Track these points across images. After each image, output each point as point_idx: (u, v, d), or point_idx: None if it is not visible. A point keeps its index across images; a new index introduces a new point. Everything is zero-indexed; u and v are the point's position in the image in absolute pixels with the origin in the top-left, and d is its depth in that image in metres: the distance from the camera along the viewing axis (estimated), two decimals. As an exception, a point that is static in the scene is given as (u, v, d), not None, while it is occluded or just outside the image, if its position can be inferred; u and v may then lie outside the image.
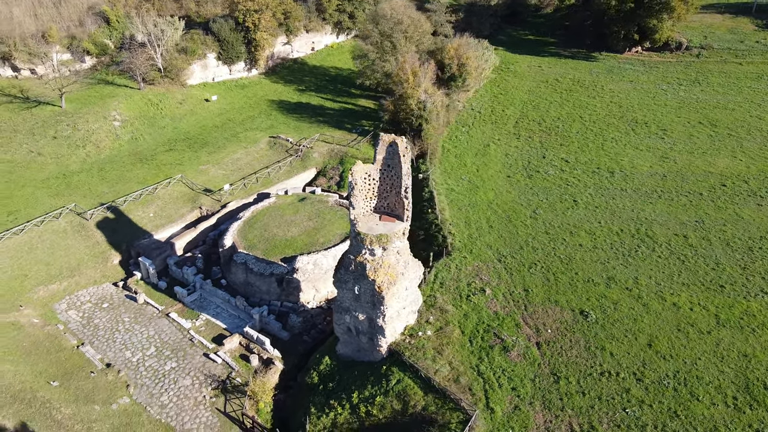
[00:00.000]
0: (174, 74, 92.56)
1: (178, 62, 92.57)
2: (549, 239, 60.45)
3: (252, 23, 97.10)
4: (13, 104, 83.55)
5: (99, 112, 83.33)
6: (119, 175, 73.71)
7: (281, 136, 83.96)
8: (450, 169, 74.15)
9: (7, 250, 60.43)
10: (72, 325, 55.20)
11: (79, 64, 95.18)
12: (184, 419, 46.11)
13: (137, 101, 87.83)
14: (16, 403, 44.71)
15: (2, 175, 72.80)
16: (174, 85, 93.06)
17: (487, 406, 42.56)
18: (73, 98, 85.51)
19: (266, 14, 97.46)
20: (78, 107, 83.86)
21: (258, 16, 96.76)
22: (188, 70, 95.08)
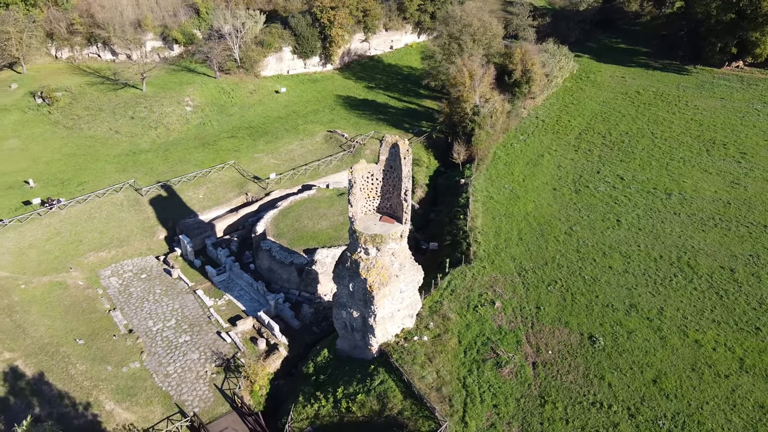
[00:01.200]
0: (249, 65, 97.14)
1: (254, 54, 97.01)
2: (578, 258, 57.85)
3: (327, 20, 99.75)
4: (104, 85, 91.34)
5: (174, 97, 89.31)
6: (181, 157, 78.72)
7: (337, 131, 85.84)
8: (495, 177, 72.60)
9: (69, 217, 66.48)
10: (110, 291, 59.95)
11: (168, 51, 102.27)
12: (182, 390, 48.94)
13: (211, 89, 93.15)
14: (41, 354, 49.48)
15: (83, 149, 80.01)
16: (248, 75, 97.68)
17: (462, 419, 41.82)
18: (154, 83, 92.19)
19: (342, 11, 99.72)
20: (157, 91, 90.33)
21: (334, 13, 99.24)
22: (263, 62, 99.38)
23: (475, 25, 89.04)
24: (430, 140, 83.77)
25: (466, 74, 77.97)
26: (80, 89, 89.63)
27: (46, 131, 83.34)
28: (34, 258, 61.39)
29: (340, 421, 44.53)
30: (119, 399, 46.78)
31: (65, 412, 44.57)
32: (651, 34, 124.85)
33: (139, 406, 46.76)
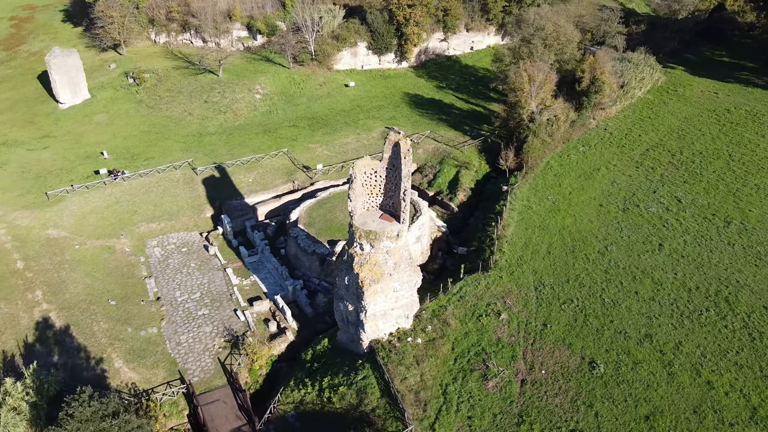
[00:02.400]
0: (322, 58, 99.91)
1: (328, 48, 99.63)
2: (604, 279, 54.89)
3: (403, 17, 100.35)
4: (187, 69, 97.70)
5: (246, 84, 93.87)
6: (241, 141, 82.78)
7: (394, 128, 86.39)
8: (540, 187, 70.14)
9: (130, 188, 72.19)
10: (151, 260, 64.56)
11: (252, 41, 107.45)
12: (188, 359, 52.00)
13: (282, 79, 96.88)
14: (73, 309, 54.47)
15: (157, 128, 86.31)
16: (321, 68, 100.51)
17: (431, 426, 41.43)
18: (231, 70, 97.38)
19: (418, 9, 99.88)
20: (232, 78, 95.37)
21: (410, 11, 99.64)
22: (337, 55, 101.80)
23: (547, 29, 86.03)
24: (486, 144, 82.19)
25: (525, 79, 75.71)
26: (166, 72, 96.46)
27: (130, 109, 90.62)
28: (92, 222, 67.27)
29: (321, 410, 45.52)
30: (129, 359, 50.53)
31: (78, 363, 48.88)
32: (763, 48, 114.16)
33: (145, 368, 50.28)
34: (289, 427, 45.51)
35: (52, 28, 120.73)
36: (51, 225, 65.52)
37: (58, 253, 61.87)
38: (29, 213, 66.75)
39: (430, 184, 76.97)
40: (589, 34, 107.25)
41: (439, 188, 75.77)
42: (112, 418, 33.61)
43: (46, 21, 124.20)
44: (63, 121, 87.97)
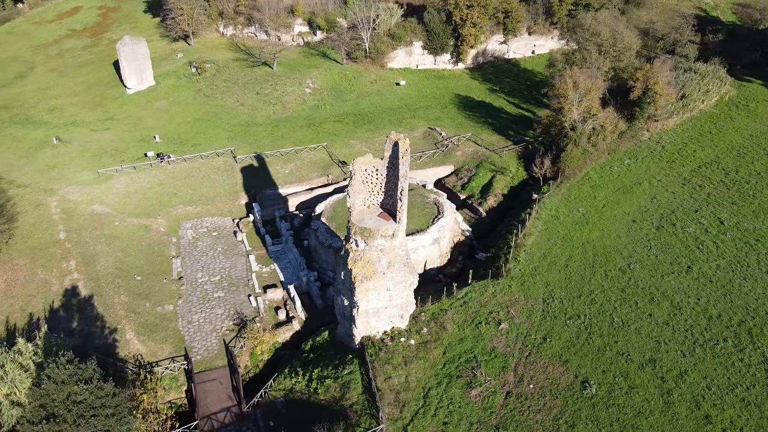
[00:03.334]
0: (376, 55, 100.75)
1: (383, 46, 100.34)
2: (619, 297, 52.59)
3: (460, 18, 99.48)
4: (245, 61, 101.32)
5: (298, 78, 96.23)
6: (284, 133, 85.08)
7: (437, 129, 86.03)
8: (573, 198, 67.83)
9: (173, 172, 76.00)
10: (182, 241, 67.76)
11: (311, 36, 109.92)
12: (195, 337, 54.36)
13: (334, 74, 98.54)
14: (100, 280, 58.21)
15: (210, 116, 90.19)
16: (374, 65, 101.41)
17: (405, 427, 41.35)
18: (286, 63, 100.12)
19: (476, 10, 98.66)
20: (285, 71, 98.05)
21: (468, 11, 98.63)
22: (391, 54, 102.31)
23: (603, 35, 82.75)
24: (527, 151, 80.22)
25: (569, 85, 73.32)
26: (225, 63, 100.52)
27: (189, 97, 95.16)
28: (134, 201, 71.40)
29: (308, 400, 46.46)
30: (140, 332, 53.46)
31: (93, 331, 52.27)
32: None
33: (153, 342, 53.04)
34: (276, 412, 46.70)
35: (134, 18, 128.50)
36: (97, 201, 70.08)
37: (99, 227, 66.13)
38: (80, 188, 71.68)
39: (464, 187, 76.20)
40: (660, 42, 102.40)
41: (471, 192, 74.85)
42: (86, 383, 35.92)
43: (130, 11, 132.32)
44: (127, 106, 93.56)
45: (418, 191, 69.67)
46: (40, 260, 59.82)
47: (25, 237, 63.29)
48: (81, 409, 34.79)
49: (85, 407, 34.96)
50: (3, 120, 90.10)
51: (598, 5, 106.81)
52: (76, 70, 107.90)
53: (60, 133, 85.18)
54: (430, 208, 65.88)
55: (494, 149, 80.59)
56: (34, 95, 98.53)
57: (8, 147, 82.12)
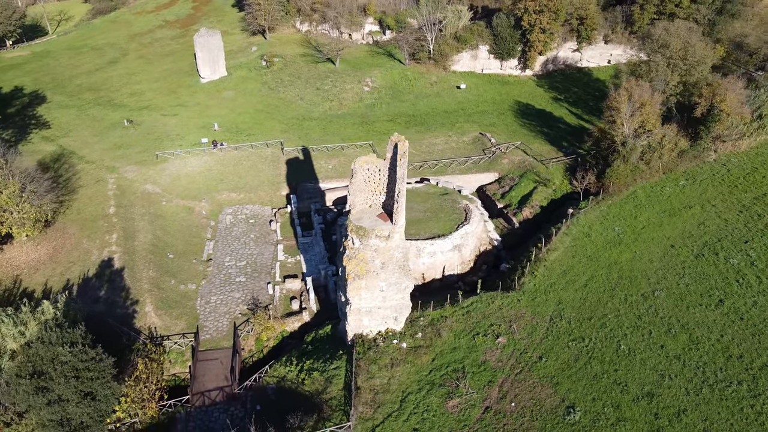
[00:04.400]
0: (439, 57, 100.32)
1: (447, 48, 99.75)
2: (632, 324, 49.75)
3: (528, 23, 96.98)
4: (313, 57, 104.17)
5: (357, 76, 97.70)
6: (336, 129, 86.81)
7: (487, 135, 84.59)
8: (612, 216, 64.55)
9: (223, 159, 79.75)
10: (220, 225, 71.08)
11: (381, 35, 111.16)
12: (208, 318, 57.00)
13: (394, 74, 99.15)
14: (134, 255, 62.29)
15: (270, 108, 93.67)
16: (437, 67, 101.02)
17: (373, 429, 41.50)
18: (350, 61, 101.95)
19: (546, 16, 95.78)
20: (347, 68, 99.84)
21: (537, 16, 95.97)
22: (456, 56, 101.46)
23: (673, 47, 77.81)
24: (576, 164, 77.02)
25: (623, 97, 69.75)
26: (293, 58, 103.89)
27: (254, 88, 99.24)
28: (183, 184, 75.66)
29: (296, 389, 47.62)
30: (159, 306, 56.78)
31: (117, 301, 56.13)
32: None
33: (169, 317, 56.16)
34: (266, 398, 48.16)
35: (222, 11, 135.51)
36: (150, 181, 74.88)
37: (146, 206, 70.70)
38: (137, 168, 76.86)
39: (503, 196, 74.55)
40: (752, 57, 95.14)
41: (509, 201, 73.08)
42: (71, 346, 38.82)
43: (220, 5, 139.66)
44: (198, 94, 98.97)
45: (451, 196, 69.01)
46: (87, 231, 64.86)
47: (80, 209, 68.78)
48: (65, 369, 37.79)
49: (69, 368, 37.93)
50: (89, 101, 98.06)
51: (684, 14, 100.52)
52: (162, 59, 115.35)
53: (134, 115, 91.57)
54: (458, 213, 65.07)
55: (542, 160, 78.14)
56: (120, 80, 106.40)
57: (87, 126, 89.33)
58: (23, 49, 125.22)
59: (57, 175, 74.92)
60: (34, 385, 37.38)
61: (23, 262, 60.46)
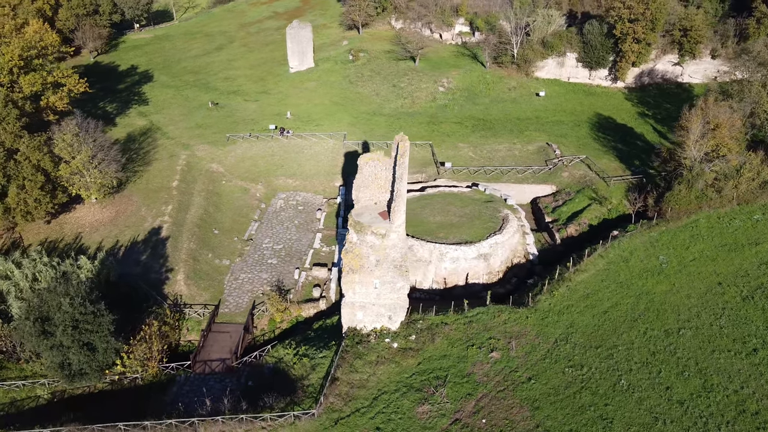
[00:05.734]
0: (522, 62, 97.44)
1: (532, 53, 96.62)
2: (642, 360, 46.34)
3: (621, 32, 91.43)
4: (395, 55, 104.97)
5: (434, 76, 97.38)
6: (401, 127, 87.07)
7: (553, 146, 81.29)
8: (661, 244, 59.82)
9: (286, 146, 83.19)
10: (270, 208, 74.44)
11: (470, 36, 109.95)
12: (232, 293, 60.18)
13: (473, 76, 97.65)
14: (182, 226, 66.86)
15: (345, 101, 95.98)
16: (519, 72, 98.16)
17: (337, 421, 42.15)
18: (430, 60, 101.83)
19: (641, 25, 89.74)
20: (425, 68, 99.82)
21: (631, 25, 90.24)
22: (540, 62, 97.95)
23: (772, 66, 70.37)
24: (641, 184, 71.82)
25: (696, 117, 64.24)
26: (377, 54, 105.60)
27: (335, 81, 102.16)
28: (245, 166, 79.97)
29: (285, 372, 49.30)
30: (189, 276, 60.78)
31: (153, 266, 60.86)
32: None
33: (196, 287, 59.97)
34: (261, 375, 50.23)
35: (327, 5, 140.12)
36: (216, 161, 79.92)
37: (207, 183, 75.66)
38: (208, 148, 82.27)
39: (554, 210, 71.46)
40: None
41: (558, 216, 69.94)
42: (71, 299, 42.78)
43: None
44: (283, 83, 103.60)
45: (494, 204, 67.48)
46: (148, 200, 70.68)
47: (149, 179, 75.01)
48: (66, 318, 41.93)
49: (69, 318, 42.02)
50: (188, 82, 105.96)
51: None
52: (261, 48, 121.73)
53: (222, 99, 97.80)
54: (494, 222, 63.52)
55: (604, 176, 73.87)
56: (220, 65, 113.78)
57: (179, 105, 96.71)
58: (147, 33, 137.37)
59: (139, 147, 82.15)
60: (38, 328, 41.93)
61: (87, 222, 67.13)
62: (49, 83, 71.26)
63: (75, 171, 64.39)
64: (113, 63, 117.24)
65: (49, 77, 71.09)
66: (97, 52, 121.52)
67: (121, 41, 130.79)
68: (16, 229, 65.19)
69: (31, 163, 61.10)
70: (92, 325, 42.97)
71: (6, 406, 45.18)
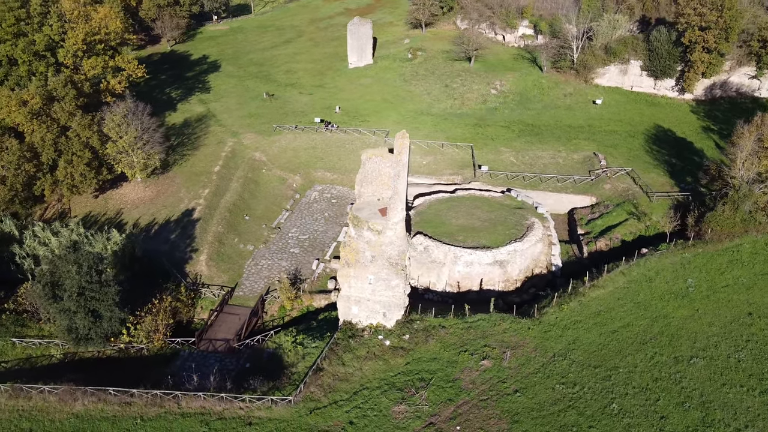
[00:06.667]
0: (581, 68, 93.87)
1: (593, 59, 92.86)
2: (641, 386, 43.82)
3: (690, 40, 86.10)
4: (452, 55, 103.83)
5: (488, 78, 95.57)
6: (447, 128, 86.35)
7: (599, 156, 77.92)
8: (693, 267, 56.01)
9: (329, 139, 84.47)
10: (303, 199, 75.92)
11: (534, 39, 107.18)
12: (249, 277, 62.00)
13: (528, 81, 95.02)
14: (214, 210, 69.63)
15: (395, 98, 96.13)
16: (577, 78, 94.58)
17: (312, 410, 42.66)
18: (486, 62, 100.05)
19: (712, 33, 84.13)
20: (480, 69, 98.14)
21: (701, 33, 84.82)
22: (601, 69, 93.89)
23: None
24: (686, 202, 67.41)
25: (747, 134, 59.70)
26: (435, 53, 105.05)
27: (390, 78, 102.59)
28: (287, 157, 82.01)
29: (281, 358, 50.37)
30: (211, 258, 63.16)
31: (180, 245, 63.74)
32: None
33: (217, 269, 62.24)
34: (260, 359, 51.55)
35: (398, 3, 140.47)
36: (260, 150, 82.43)
37: (247, 170, 78.23)
38: (254, 136, 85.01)
39: (589, 222, 68.56)
40: None
41: (591, 229, 67.03)
42: (79, 267, 45.44)
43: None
44: (340, 78, 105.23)
45: (523, 211, 65.69)
46: (189, 183, 74.02)
47: (194, 163, 78.51)
48: (73, 285, 44.79)
49: (75, 284, 44.82)
50: (251, 73, 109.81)
51: None
52: (327, 43, 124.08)
53: (279, 91, 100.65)
54: (518, 229, 61.83)
55: (648, 191, 70.02)
56: (284, 58, 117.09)
57: (238, 94, 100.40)
58: (224, 25, 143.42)
59: (191, 133, 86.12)
60: (49, 292, 45.07)
61: (130, 199, 71.21)
62: (110, 67, 75.78)
63: (121, 150, 68.36)
64: (187, 52, 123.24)
65: (110, 62, 75.60)
66: (174, 41, 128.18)
67: (199, 32, 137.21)
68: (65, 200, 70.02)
69: (81, 140, 65.47)
70: (97, 293, 45.69)
71: (22, 362, 48.88)
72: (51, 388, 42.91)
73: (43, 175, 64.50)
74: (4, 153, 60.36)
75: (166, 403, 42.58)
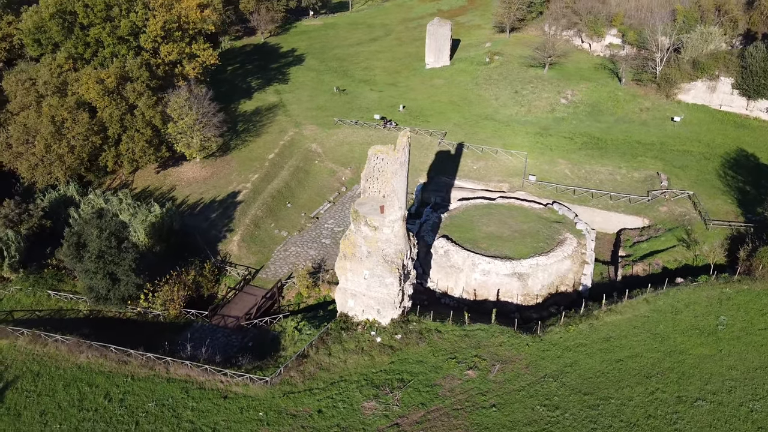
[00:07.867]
0: (664, 82, 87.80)
1: (677, 74, 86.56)
2: (631, 421, 41.03)
3: (788, 58, 78.11)
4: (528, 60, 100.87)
5: (560, 86, 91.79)
6: (506, 134, 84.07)
7: (662, 176, 72.76)
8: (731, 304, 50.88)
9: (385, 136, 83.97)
10: (349, 192, 76.97)
11: (621, 49, 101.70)
12: (275, 262, 64.16)
13: (602, 92, 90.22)
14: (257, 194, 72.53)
15: (462, 101, 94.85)
16: (658, 93, 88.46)
17: (287, 394, 43.79)
18: (562, 69, 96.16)
19: (814, 53, 75.88)
20: (554, 77, 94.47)
21: (801, 52, 76.76)
22: (686, 85, 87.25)
23: None
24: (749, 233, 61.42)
25: (818, 165, 53.42)
26: (511, 58, 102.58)
27: (463, 81, 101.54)
28: (342, 150, 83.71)
29: (280, 340, 51.92)
30: (245, 239, 65.94)
31: (217, 224, 67.23)
32: None
33: (246, 250, 64.93)
34: (264, 340, 53.46)
35: (489, 6, 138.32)
36: (316, 141, 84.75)
37: (300, 160, 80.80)
38: (315, 128, 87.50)
39: (634, 244, 64.41)
40: None
41: (634, 252, 62.90)
42: (100, 233, 49.19)
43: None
44: (414, 78, 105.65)
45: (561, 226, 63.34)
46: (242, 167, 77.69)
47: (252, 149, 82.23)
48: (93, 247, 48.74)
49: (95, 247, 48.72)
50: (331, 68, 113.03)
51: None
52: (411, 42, 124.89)
53: (352, 86, 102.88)
54: (548, 243, 59.65)
55: (707, 218, 64.53)
56: (366, 55, 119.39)
57: (312, 87, 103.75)
58: (319, 20, 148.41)
59: (257, 120, 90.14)
60: (74, 252, 49.37)
61: (185, 177, 75.93)
62: (186, 54, 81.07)
63: (180, 131, 73.01)
64: (278, 45, 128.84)
65: (186, 48, 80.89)
66: (269, 34, 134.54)
67: (294, 26, 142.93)
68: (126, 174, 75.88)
69: (145, 119, 70.68)
70: (116, 257, 49.44)
71: (53, 312, 53.91)
72: (63, 338, 47.00)
73: (108, 148, 70.32)
74: (76, 125, 66.41)
75: (156, 366, 45.32)
